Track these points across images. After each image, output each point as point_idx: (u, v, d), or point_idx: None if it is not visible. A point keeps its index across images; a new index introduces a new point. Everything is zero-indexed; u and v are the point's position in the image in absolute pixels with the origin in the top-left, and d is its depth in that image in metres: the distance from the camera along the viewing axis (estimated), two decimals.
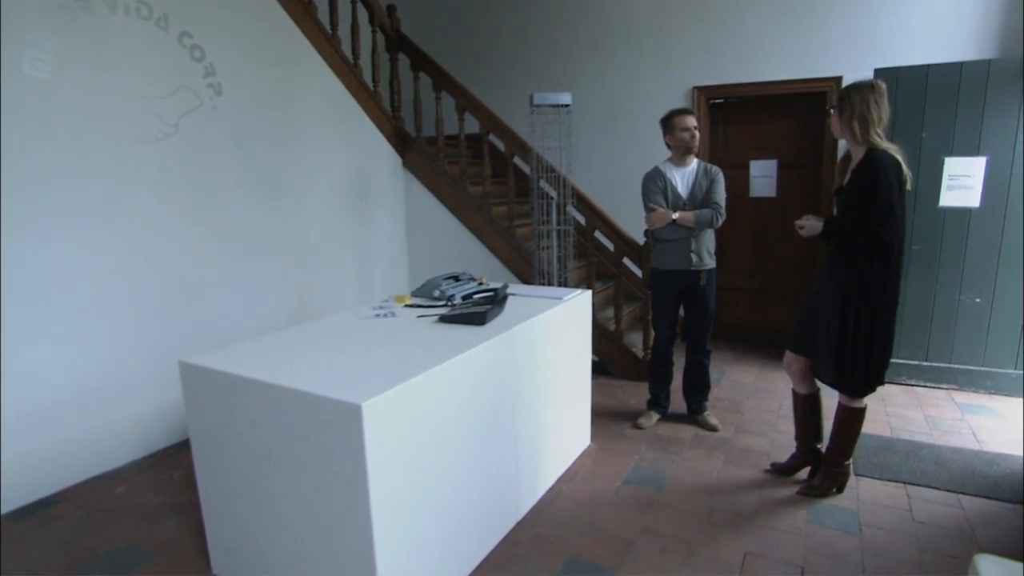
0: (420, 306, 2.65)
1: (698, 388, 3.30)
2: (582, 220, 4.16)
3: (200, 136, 3.13)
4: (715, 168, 3.11)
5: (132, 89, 2.81)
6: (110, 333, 2.82)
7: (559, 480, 2.73)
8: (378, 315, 2.47)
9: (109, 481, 2.79)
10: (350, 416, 1.53)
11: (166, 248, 3.02)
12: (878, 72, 3.56)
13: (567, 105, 3.73)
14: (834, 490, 2.56)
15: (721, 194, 3.03)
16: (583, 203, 4.04)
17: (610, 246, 4.27)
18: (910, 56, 3.85)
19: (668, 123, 3.09)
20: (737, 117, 4.66)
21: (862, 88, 2.27)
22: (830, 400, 2.57)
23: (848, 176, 2.34)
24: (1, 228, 2.41)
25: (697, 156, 3.15)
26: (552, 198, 3.87)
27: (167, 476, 2.81)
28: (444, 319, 2.34)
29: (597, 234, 4.15)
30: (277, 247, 3.64)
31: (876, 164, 2.19)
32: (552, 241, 3.88)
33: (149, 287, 2.96)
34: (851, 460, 2.55)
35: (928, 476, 2.65)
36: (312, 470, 1.67)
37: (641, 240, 3.87)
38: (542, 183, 3.87)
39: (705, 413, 3.28)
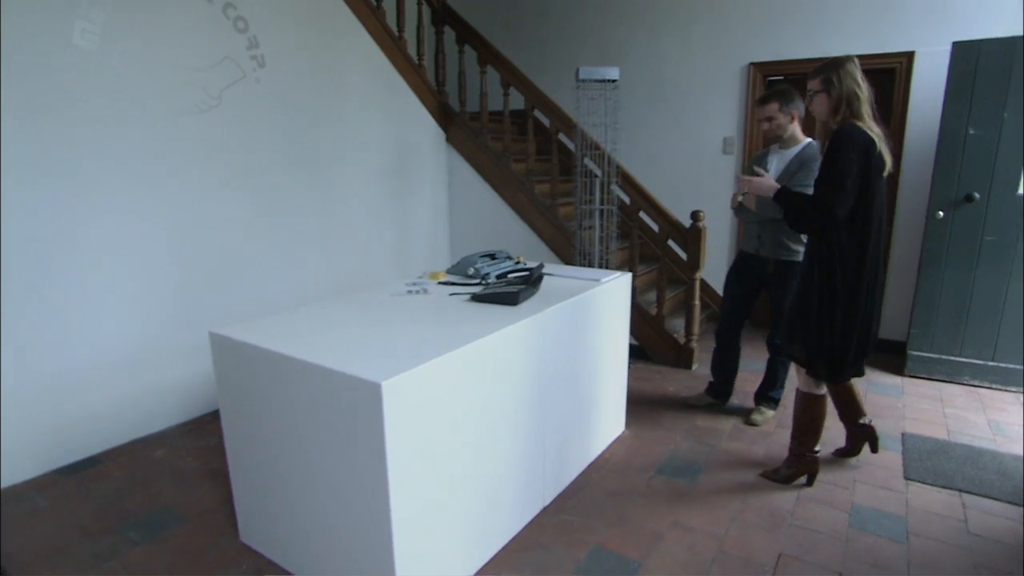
0: (454, 283, 2.60)
1: (764, 381, 3.16)
2: (626, 200, 4.03)
3: (243, 108, 3.14)
4: (814, 153, 2.76)
5: (177, 61, 2.83)
6: (153, 303, 2.89)
7: (590, 467, 2.67)
8: (410, 292, 2.44)
9: (150, 445, 2.88)
10: (370, 394, 1.50)
11: (208, 220, 3.06)
12: (957, 46, 3.28)
13: (614, 80, 3.59)
14: (803, 480, 2.48)
15: (804, 183, 2.70)
16: (628, 182, 3.90)
17: (655, 228, 4.14)
18: (994, 28, 3.52)
19: None
20: None
21: (844, 63, 2.17)
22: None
23: None
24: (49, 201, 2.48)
25: (812, 139, 2.83)
26: (596, 176, 3.75)
27: (204, 443, 2.88)
28: (476, 298, 2.29)
29: (641, 215, 4.01)
30: (317, 220, 3.66)
31: (838, 136, 2.10)
32: (595, 221, 3.77)
33: (191, 258, 3.01)
34: (819, 450, 2.46)
35: (988, 485, 2.47)
36: (333, 445, 1.65)
37: (688, 222, 3.72)
38: (586, 161, 3.75)
39: (757, 407, 3.15)
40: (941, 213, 3.46)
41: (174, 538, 2.17)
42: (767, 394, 3.13)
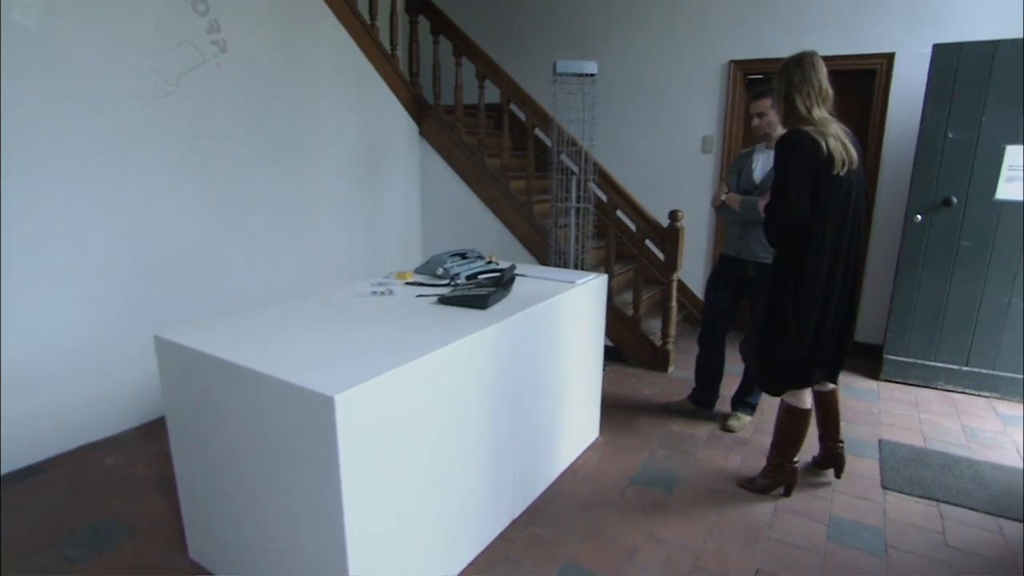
0: (421, 284, 2.48)
1: (741, 386, 3.09)
2: (603, 198, 3.94)
3: (202, 96, 2.97)
4: None
5: (129, 42, 2.66)
6: (104, 299, 2.72)
7: (562, 476, 2.58)
8: (375, 293, 2.32)
9: (100, 451, 2.72)
10: (323, 408, 1.38)
11: (164, 214, 2.89)
12: (937, 48, 3.24)
13: (592, 75, 3.49)
14: (780, 491, 2.43)
15: None
16: (605, 180, 3.81)
17: (631, 227, 4.05)
18: (976, 30, 3.50)
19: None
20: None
21: (785, 64, 2.12)
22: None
23: None
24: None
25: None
26: (573, 174, 3.65)
27: (158, 448, 2.72)
28: (444, 300, 2.17)
29: (618, 214, 3.92)
30: (282, 215, 3.50)
31: (780, 143, 2.05)
32: (571, 219, 3.67)
33: (144, 253, 2.84)
34: (797, 461, 2.42)
35: (965, 495, 2.43)
36: (285, 460, 1.53)
37: (666, 222, 3.64)
38: (563, 157, 3.65)
39: (733, 413, 3.08)
40: (919, 217, 3.43)
41: (117, 555, 2.02)
42: (744, 399, 3.07)
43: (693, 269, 4.61)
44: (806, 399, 2.31)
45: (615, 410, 3.21)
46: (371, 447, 1.49)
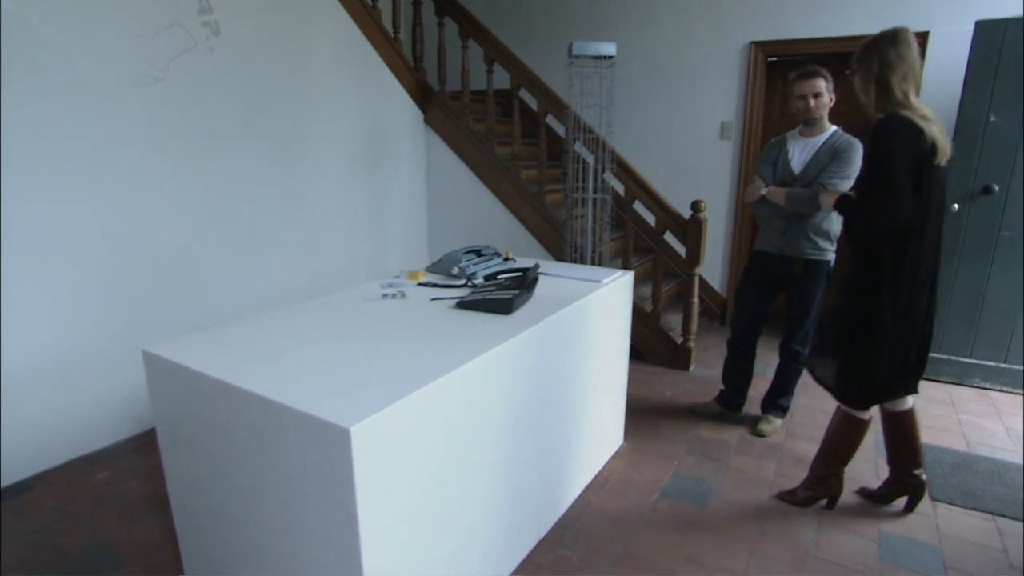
0: (435, 285, 2.30)
1: (773, 388, 2.90)
2: (620, 188, 3.74)
3: (194, 82, 2.76)
4: (847, 142, 2.47)
5: (114, 25, 2.45)
6: (93, 301, 2.53)
7: (588, 488, 2.40)
8: (386, 295, 2.13)
9: (91, 465, 2.54)
10: (337, 440, 1.20)
11: (155, 209, 2.69)
12: (980, 25, 3.03)
13: (610, 57, 3.28)
14: (824, 503, 2.26)
15: (839, 174, 2.42)
16: (622, 169, 3.61)
17: (649, 219, 3.87)
18: (1019, 6, 3.28)
19: (789, 88, 2.60)
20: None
21: (876, 39, 1.87)
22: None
23: None
24: None
25: (837, 126, 2.56)
26: (589, 163, 3.46)
27: (153, 461, 2.55)
28: (463, 305, 1.99)
29: (636, 205, 3.73)
30: (280, 209, 3.30)
31: (879, 131, 1.81)
32: (587, 211, 3.48)
33: (136, 253, 2.65)
34: (843, 472, 2.23)
35: (1020, 507, 2.26)
36: (293, 491, 1.35)
37: (687, 213, 3.45)
38: (578, 145, 3.45)
39: (764, 416, 2.91)
40: (956, 206, 3.24)
41: None
42: (776, 401, 2.89)
43: (711, 261, 4.42)
44: (866, 409, 2.12)
45: (638, 413, 3.03)
46: (389, 476, 1.31)
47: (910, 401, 2.13)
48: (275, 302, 3.23)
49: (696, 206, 3.39)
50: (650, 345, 3.72)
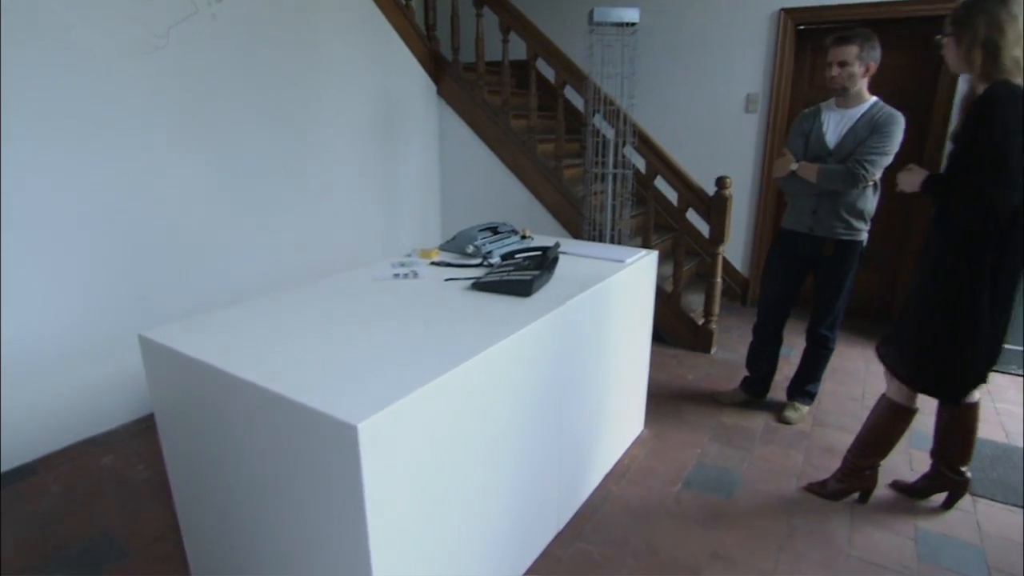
0: (449, 264, 2.18)
1: (799, 374, 2.77)
2: (641, 163, 3.59)
3: (195, 51, 2.63)
4: (888, 115, 2.28)
5: None
6: (98, 281, 2.45)
7: (607, 477, 2.31)
8: (397, 275, 2.02)
9: (97, 448, 2.48)
10: (343, 437, 1.10)
11: (156, 186, 2.59)
12: None
13: (633, 24, 3.11)
14: (856, 496, 2.14)
15: (879, 150, 2.26)
16: (643, 143, 3.45)
17: (670, 195, 3.71)
18: None
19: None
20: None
21: (987, 4, 1.64)
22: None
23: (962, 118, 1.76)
24: None
25: (878, 97, 2.36)
26: (609, 137, 3.30)
27: (159, 446, 2.47)
28: (479, 286, 1.87)
29: (657, 181, 3.57)
30: (287, 184, 3.19)
31: (987, 102, 1.60)
32: (607, 186, 3.33)
33: (139, 230, 2.55)
34: (879, 466, 2.10)
35: None
36: (298, 487, 1.26)
37: (712, 190, 3.30)
38: (597, 118, 3.30)
39: (790, 402, 2.79)
40: None
41: None
42: (803, 388, 2.77)
43: (733, 240, 4.26)
44: (915, 398, 1.99)
45: (659, 398, 2.93)
46: (400, 472, 1.21)
47: (977, 394, 1.98)
48: (282, 281, 3.14)
49: (721, 182, 3.24)
50: (670, 327, 3.60)
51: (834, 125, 2.42)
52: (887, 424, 2.02)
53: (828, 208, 2.42)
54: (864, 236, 2.45)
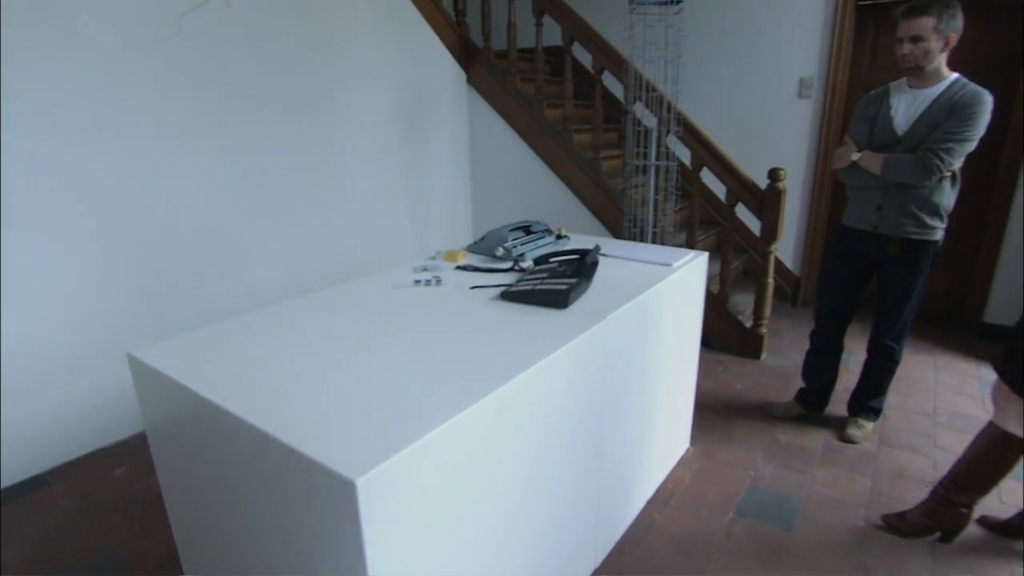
0: (476, 269, 1.99)
1: (861, 387, 2.50)
2: (685, 154, 3.33)
3: (209, 40, 2.49)
4: (972, 94, 1.97)
5: None
6: (106, 285, 2.33)
7: (650, 502, 2.09)
8: (418, 282, 1.83)
9: (110, 458, 2.37)
10: (341, 492, 0.91)
11: (167, 184, 2.45)
12: None
13: (678, 1, 2.85)
14: (937, 535, 1.87)
15: (958, 135, 1.97)
16: (688, 132, 3.19)
17: (715, 189, 3.44)
18: None
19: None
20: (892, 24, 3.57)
21: None
22: None
23: None
24: None
25: (959, 74, 2.05)
26: (650, 125, 3.06)
27: None
28: (508, 295, 1.67)
29: (703, 174, 3.31)
30: (307, 182, 3.03)
31: None
32: (649, 180, 3.09)
33: (150, 230, 2.43)
34: (976, 504, 1.82)
35: None
36: (294, 536, 1.08)
37: (764, 183, 3.02)
38: (638, 105, 3.05)
39: (852, 419, 2.52)
40: None
41: None
42: (867, 404, 2.50)
43: (784, 235, 3.96)
44: None
45: (705, 410, 2.69)
46: (410, 527, 1.02)
47: None
48: (300, 285, 3.00)
49: (774, 174, 2.96)
50: (716, 330, 3.34)
51: (905, 108, 2.12)
52: (997, 456, 1.74)
53: (896, 203, 2.14)
54: (939, 235, 2.16)
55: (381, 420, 1.04)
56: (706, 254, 2.20)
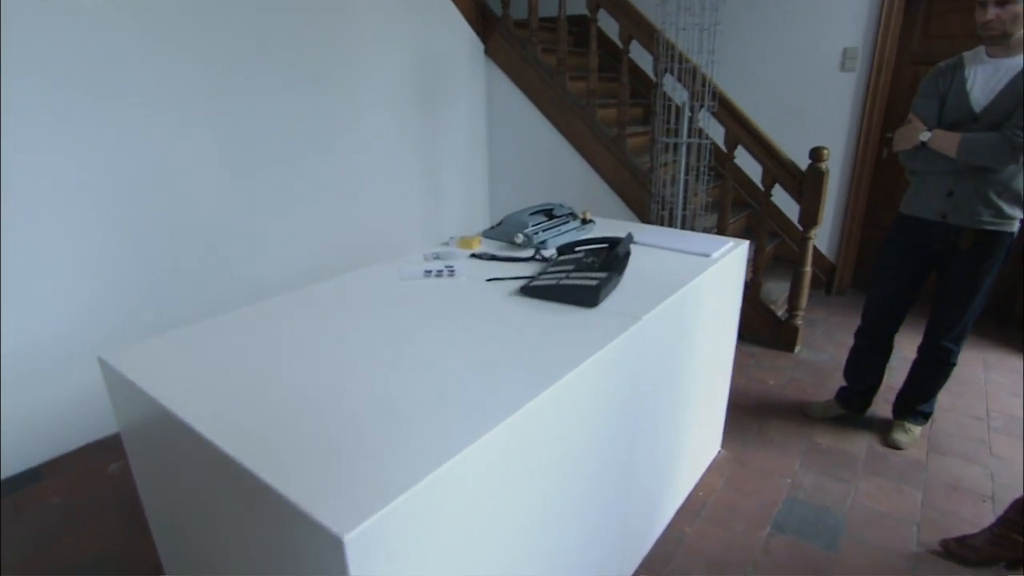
0: (493, 257, 1.80)
1: (909, 388, 2.30)
2: (718, 130, 3.09)
3: (210, 8, 2.29)
4: None
5: None
6: (105, 274, 2.19)
7: (679, 513, 1.93)
8: (428, 272, 1.65)
9: (106, 452, 2.26)
10: (327, 549, 0.75)
11: (165, 165, 2.29)
12: None
13: None
14: (1003, 565, 1.68)
15: None
16: (723, 107, 2.95)
17: (748, 167, 3.21)
18: None
19: None
20: None
21: None
22: None
23: None
24: None
25: None
26: (682, 100, 2.83)
27: None
28: (529, 291, 1.49)
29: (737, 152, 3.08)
30: (315, 160, 2.85)
31: None
32: (680, 158, 2.87)
33: (147, 215, 2.27)
34: None
35: None
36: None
37: (804, 163, 2.79)
38: (668, 78, 2.82)
39: (899, 422, 2.32)
40: None
41: None
42: (915, 407, 2.29)
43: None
44: None
45: (736, 408, 2.51)
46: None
47: None
48: (308, 272, 2.84)
49: (817, 154, 2.72)
50: (747, 320, 3.14)
51: (984, 81, 1.88)
52: None
53: (970, 189, 1.90)
54: (1016, 226, 1.93)
55: (376, 454, 0.87)
56: (747, 243, 2.00)
